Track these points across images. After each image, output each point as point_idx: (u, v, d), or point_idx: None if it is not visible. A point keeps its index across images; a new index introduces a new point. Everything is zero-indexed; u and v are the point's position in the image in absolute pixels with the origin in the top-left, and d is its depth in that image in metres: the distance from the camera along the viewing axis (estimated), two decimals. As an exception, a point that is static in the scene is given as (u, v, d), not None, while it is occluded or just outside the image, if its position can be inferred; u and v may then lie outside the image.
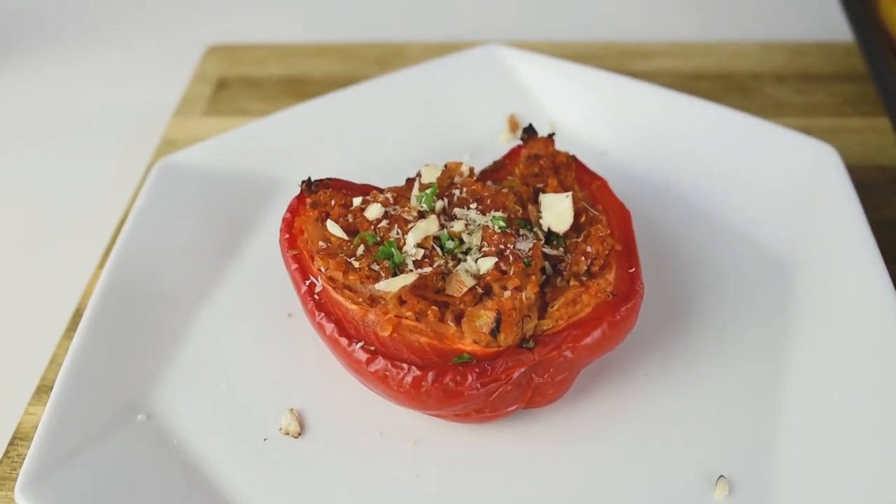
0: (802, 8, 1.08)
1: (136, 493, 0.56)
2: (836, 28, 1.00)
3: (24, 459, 0.60)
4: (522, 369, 0.55)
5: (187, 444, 0.60)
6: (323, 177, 0.70)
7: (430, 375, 0.54)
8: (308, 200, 0.63)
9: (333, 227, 0.61)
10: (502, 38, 1.00)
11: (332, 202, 0.63)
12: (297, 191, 0.75)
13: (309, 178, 0.64)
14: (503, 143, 0.82)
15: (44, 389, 0.66)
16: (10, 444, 0.63)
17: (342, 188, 0.64)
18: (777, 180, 0.73)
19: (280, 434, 0.60)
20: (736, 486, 0.56)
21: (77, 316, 0.71)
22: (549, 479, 0.57)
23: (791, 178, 0.72)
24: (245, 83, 0.95)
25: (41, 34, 1.11)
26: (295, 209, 0.63)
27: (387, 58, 0.98)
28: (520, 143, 0.71)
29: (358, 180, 0.70)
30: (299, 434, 0.60)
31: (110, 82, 1.03)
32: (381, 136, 0.81)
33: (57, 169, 0.91)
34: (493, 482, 0.57)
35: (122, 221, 0.79)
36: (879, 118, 0.86)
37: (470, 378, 0.54)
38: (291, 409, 0.61)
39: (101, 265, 0.75)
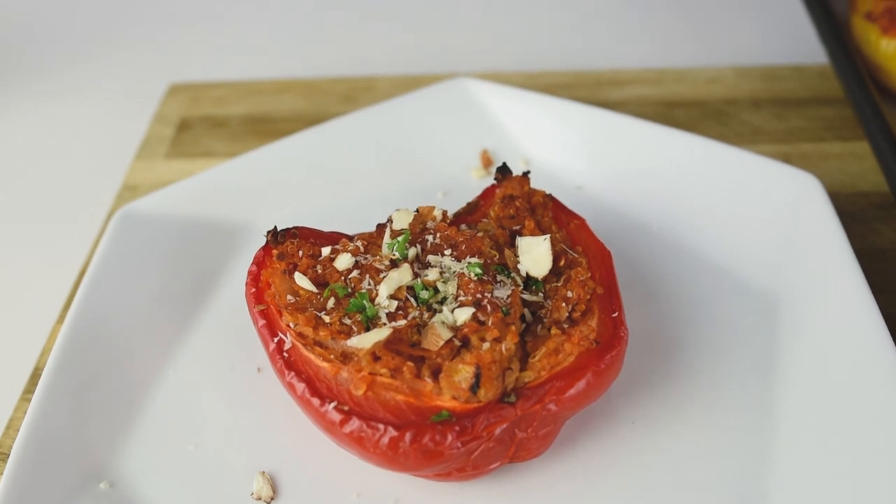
0: (775, 31, 1.06)
1: (99, 570, 0.53)
2: (810, 51, 0.99)
3: (-21, 535, 0.57)
4: (505, 425, 0.53)
5: (154, 513, 0.56)
6: (291, 221, 0.68)
7: (408, 436, 0.51)
8: (274, 252, 0.60)
9: (302, 280, 0.58)
10: (471, 69, 0.99)
11: (300, 253, 0.60)
12: (264, 239, 0.72)
13: (275, 228, 0.61)
14: (476, 179, 0.80)
15: (0, 457, 0.62)
16: (-36, 519, 0.59)
17: (310, 237, 0.62)
18: (759, 212, 0.71)
19: (252, 499, 0.57)
20: (731, 540, 0.54)
21: (35, 376, 0.68)
22: (536, 538, 0.55)
23: (773, 209, 0.70)
24: (208, 123, 0.92)
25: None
26: (261, 261, 0.61)
27: (354, 93, 0.96)
28: (493, 180, 0.68)
29: (327, 222, 0.67)
30: (272, 498, 0.57)
31: (65, 125, 0.99)
32: (350, 176, 0.79)
33: (11, 218, 0.87)
34: (478, 543, 0.55)
35: (82, 274, 0.75)
36: (859, 142, 0.84)
37: (450, 437, 0.51)
38: (263, 472, 0.58)
39: (60, 320, 0.72)
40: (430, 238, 0.60)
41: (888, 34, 0.84)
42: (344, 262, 0.58)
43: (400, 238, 0.59)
